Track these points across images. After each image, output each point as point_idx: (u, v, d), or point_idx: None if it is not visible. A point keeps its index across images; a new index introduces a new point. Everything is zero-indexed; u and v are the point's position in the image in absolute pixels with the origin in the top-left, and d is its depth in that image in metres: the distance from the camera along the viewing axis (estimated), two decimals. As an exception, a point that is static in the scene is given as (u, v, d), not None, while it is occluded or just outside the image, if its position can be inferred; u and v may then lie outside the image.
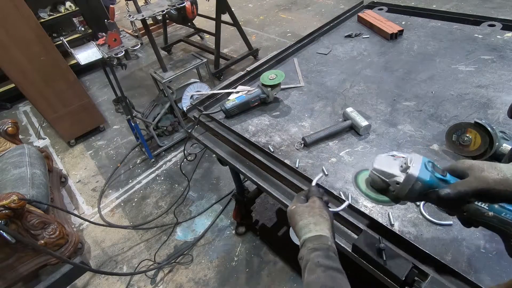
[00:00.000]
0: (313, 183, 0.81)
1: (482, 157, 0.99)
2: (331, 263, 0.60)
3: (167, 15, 3.61)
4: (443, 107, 1.25)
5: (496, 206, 0.57)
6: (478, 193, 0.56)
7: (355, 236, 0.90)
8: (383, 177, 0.67)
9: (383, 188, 0.69)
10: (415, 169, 0.61)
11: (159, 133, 2.97)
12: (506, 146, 0.96)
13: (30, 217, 1.87)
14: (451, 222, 0.88)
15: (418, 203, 0.94)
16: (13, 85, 3.53)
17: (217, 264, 2.02)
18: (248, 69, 1.66)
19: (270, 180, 1.13)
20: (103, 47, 2.28)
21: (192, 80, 2.77)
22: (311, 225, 0.67)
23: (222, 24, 3.62)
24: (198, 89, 2.57)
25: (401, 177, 0.63)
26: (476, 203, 0.58)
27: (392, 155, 0.73)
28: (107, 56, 2.20)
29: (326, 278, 0.58)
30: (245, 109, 1.44)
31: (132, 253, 2.20)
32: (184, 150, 1.64)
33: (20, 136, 2.74)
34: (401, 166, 0.65)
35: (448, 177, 0.61)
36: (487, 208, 0.57)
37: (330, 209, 0.74)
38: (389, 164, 0.67)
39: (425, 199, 0.63)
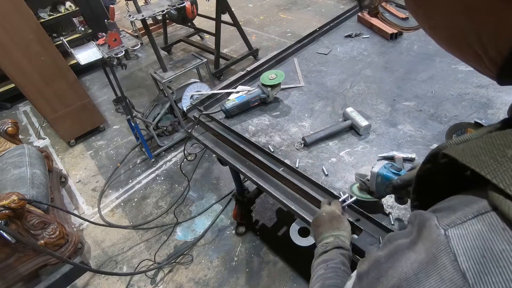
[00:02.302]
0: (341, 199, 0.95)
1: (482, 157, 0.99)
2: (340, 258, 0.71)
3: (167, 15, 3.61)
4: (443, 107, 1.25)
5: None
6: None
7: (355, 236, 0.90)
8: (361, 179, 0.89)
9: (367, 188, 0.89)
10: (376, 168, 0.82)
11: (159, 133, 2.97)
12: (506, 146, 0.96)
13: (30, 217, 1.87)
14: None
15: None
16: (13, 85, 3.53)
17: (217, 264, 2.02)
18: (248, 69, 1.66)
19: (270, 180, 1.13)
20: (103, 47, 2.27)
21: (192, 80, 2.77)
22: (333, 231, 0.79)
23: (222, 24, 3.62)
24: (198, 89, 2.57)
25: (369, 176, 0.86)
26: None
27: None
28: (107, 56, 2.20)
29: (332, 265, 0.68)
30: (245, 109, 1.44)
31: (132, 253, 2.20)
32: (184, 150, 1.64)
33: (20, 136, 2.74)
34: (370, 170, 0.85)
35: (402, 172, 0.80)
36: None
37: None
38: (366, 170, 0.88)
39: (389, 191, 0.81)
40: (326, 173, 1.09)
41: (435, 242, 0.25)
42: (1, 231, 1.56)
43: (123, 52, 2.23)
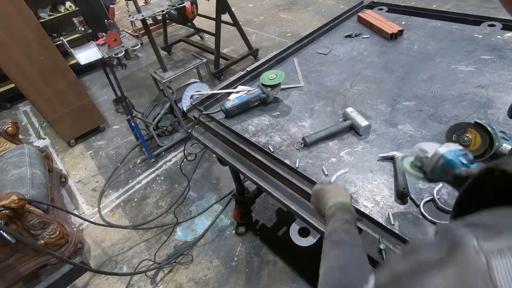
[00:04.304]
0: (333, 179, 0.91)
1: (482, 157, 0.99)
2: (349, 218, 0.69)
3: (167, 15, 3.61)
4: (443, 107, 1.25)
5: None
6: None
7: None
8: (420, 153, 0.79)
9: (420, 165, 0.80)
10: (443, 149, 0.70)
11: (159, 133, 2.97)
12: (506, 146, 0.96)
13: (30, 217, 1.87)
14: (451, 222, 0.88)
15: (418, 202, 0.94)
16: (13, 85, 3.53)
17: (217, 264, 2.02)
18: (248, 69, 1.66)
19: (270, 180, 1.13)
20: (103, 47, 2.28)
21: (192, 80, 2.77)
22: (338, 197, 0.77)
23: (222, 24, 3.62)
24: (198, 89, 2.57)
25: (431, 154, 0.75)
26: None
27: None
28: (107, 56, 2.20)
29: (344, 226, 0.66)
30: (245, 109, 1.44)
31: (132, 253, 2.20)
32: (184, 150, 1.64)
33: (20, 136, 2.74)
34: (436, 148, 0.74)
35: (474, 165, 0.68)
36: None
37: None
38: (430, 146, 0.77)
39: (445, 177, 0.71)
40: (326, 173, 1.09)
41: (472, 269, 0.21)
42: (1, 231, 1.56)
43: (123, 52, 2.23)
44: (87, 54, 2.24)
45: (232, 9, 3.62)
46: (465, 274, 0.22)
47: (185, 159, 1.76)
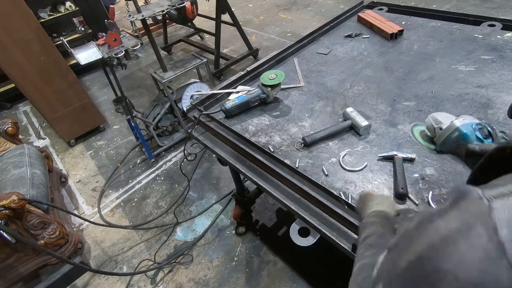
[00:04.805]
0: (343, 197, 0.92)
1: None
2: (386, 225, 0.68)
3: (167, 15, 3.61)
4: (443, 107, 1.25)
5: None
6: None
7: (355, 236, 0.90)
8: (434, 123, 0.75)
9: (432, 135, 0.75)
10: (459, 121, 0.67)
11: (159, 133, 2.97)
12: (506, 146, 0.96)
13: (30, 217, 1.87)
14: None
15: (417, 202, 0.94)
16: (13, 85, 3.53)
17: (217, 264, 2.02)
18: (248, 69, 1.66)
19: (270, 180, 1.13)
20: (103, 47, 2.28)
21: (192, 80, 2.77)
22: (381, 206, 0.75)
23: (222, 24, 3.62)
24: (198, 89, 2.57)
25: (445, 125, 0.71)
26: None
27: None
28: (107, 56, 2.20)
29: (379, 231, 0.65)
30: (245, 109, 1.44)
31: (132, 253, 2.20)
32: (184, 150, 1.64)
33: (20, 136, 2.74)
34: (452, 121, 0.70)
35: (488, 141, 0.66)
36: None
37: None
38: (445, 117, 0.74)
39: (457, 151, 0.68)
40: (326, 173, 1.09)
41: (473, 212, 0.23)
42: (1, 231, 1.56)
43: (123, 52, 2.23)
44: (87, 54, 2.24)
45: (232, 9, 3.62)
46: (466, 217, 0.23)
47: (185, 159, 1.75)
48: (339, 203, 0.96)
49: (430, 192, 0.94)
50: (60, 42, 2.57)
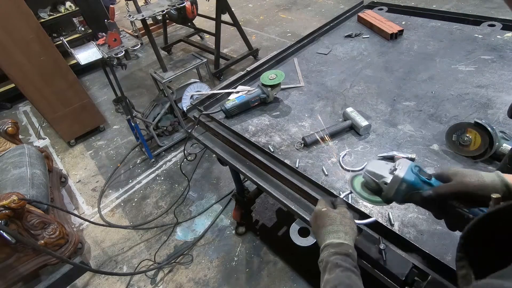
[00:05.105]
0: (342, 196, 0.86)
1: (482, 157, 0.99)
2: (349, 265, 0.65)
3: (167, 15, 3.61)
4: (443, 107, 1.25)
5: (476, 209, 0.60)
6: (457, 196, 0.59)
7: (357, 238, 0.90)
8: (374, 178, 0.72)
9: (376, 189, 0.73)
10: (401, 171, 0.65)
11: (159, 133, 2.97)
12: (506, 146, 0.96)
13: (30, 217, 1.87)
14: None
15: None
16: (13, 85, 3.53)
17: (217, 264, 2.02)
18: (248, 69, 1.66)
19: (270, 180, 1.13)
20: (103, 47, 2.28)
21: (192, 80, 2.77)
22: (341, 233, 0.70)
23: (222, 24, 3.62)
24: (198, 89, 2.57)
25: (389, 178, 0.68)
26: (458, 208, 0.61)
27: (382, 158, 0.71)
28: (107, 56, 2.20)
29: (344, 276, 0.62)
30: (245, 109, 1.44)
31: (132, 253, 2.20)
32: (184, 150, 1.64)
33: (20, 136, 2.74)
34: (390, 169, 0.69)
35: (433, 181, 0.65)
36: (467, 211, 0.61)
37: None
38: (380, 167, 0.72)
39: (411, 200, 0.67)
40: (326, 173, 1.09)
41: None
42: (1, 231, 1.56)
43: (123, 52, 2.23)
44: (87, 54, 2.24)
45: (232, 9, 3.62)
46: None
47: (185, 159, 1.76)
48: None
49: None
50: (60, 42, 2.57)
